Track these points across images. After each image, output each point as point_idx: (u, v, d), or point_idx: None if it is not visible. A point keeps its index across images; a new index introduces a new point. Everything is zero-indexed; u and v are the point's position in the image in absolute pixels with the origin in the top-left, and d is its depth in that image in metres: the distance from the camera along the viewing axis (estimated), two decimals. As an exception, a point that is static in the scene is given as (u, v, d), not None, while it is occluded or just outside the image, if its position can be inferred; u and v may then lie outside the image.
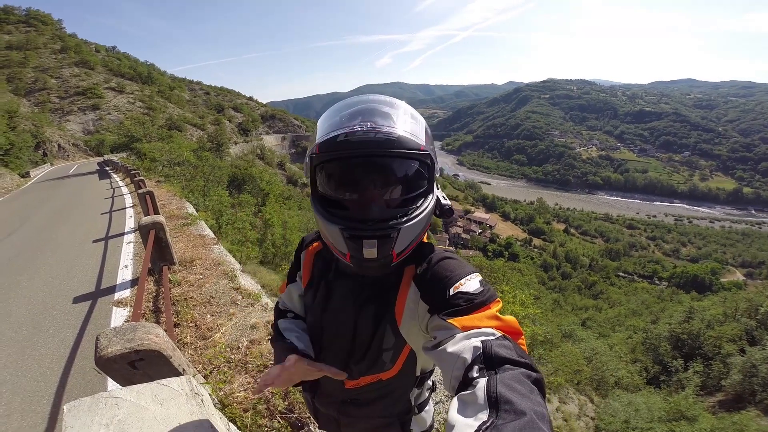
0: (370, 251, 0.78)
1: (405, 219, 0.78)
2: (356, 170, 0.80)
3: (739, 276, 69.57)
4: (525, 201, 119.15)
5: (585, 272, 63.84)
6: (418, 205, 0.82)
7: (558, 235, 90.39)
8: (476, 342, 0.63)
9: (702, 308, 19.06)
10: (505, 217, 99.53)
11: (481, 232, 77.50)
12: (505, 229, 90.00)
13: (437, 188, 0.90)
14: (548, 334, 14.03)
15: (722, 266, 69.72)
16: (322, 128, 0.83)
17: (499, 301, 0.78)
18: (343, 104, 0.86)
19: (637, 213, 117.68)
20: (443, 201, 0.92)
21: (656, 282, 64.92)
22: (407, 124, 0.80)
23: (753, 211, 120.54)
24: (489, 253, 63.66)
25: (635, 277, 68.17)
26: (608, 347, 17.12)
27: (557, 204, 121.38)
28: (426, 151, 0.80)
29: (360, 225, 0.78)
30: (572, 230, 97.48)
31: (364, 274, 0.92)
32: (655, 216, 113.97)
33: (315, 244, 1.09)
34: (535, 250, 78.25)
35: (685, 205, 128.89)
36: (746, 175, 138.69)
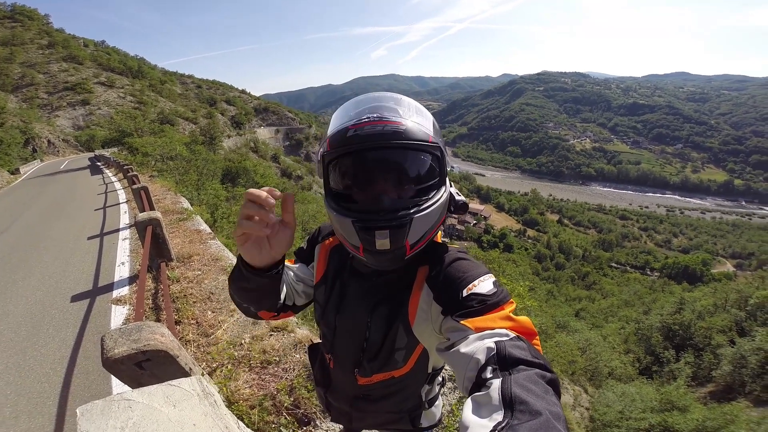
0: (383, 242, 0.77)
1: (416, 209, 0.78)
2: (366, 163, 0.80)
3: (729, 267, 70.55)
4: (519, 192, 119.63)
5: (578, 263, 64.32)
6: (430, 196, 0.81)
7: (552, 225, 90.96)
8: (489, 343, 0.63)
9: (693, 299, 19.32)
10: (500, 208, 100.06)
11: (475, 224, 77.83)
12: (500, 220, 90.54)
13: (450, 184, 0.90)
14: (542, 325, 14.18)
15: (713, 257, 70.62)
16: (332, 126, 0.83)
17: (512, 302, 0.77)
18: (351, 103, 0.86)
19: (630, 204, 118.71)
20: (457, 197, 0.92)
21: (648, 273, 65.70)
22: (416, 117, 0.80)
23: (743, 203, 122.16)
24: (484, 244, 63.94)
25: (628, 268, 68.93)
26: (601, 338, 17.33)
27: (551, 195, 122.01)
28: (435, 143, 0.80)
29: (372, 216, 0.78)
30: (566, 221, 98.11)
31: (379, 269, 0.91)
32: (647, 207, 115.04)
33: (331, 239, 1.09)
34: (529, 240, 78.76)
35: (677, 197, 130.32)
36: (737, 167, 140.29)
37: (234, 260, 5.06)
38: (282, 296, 1.01)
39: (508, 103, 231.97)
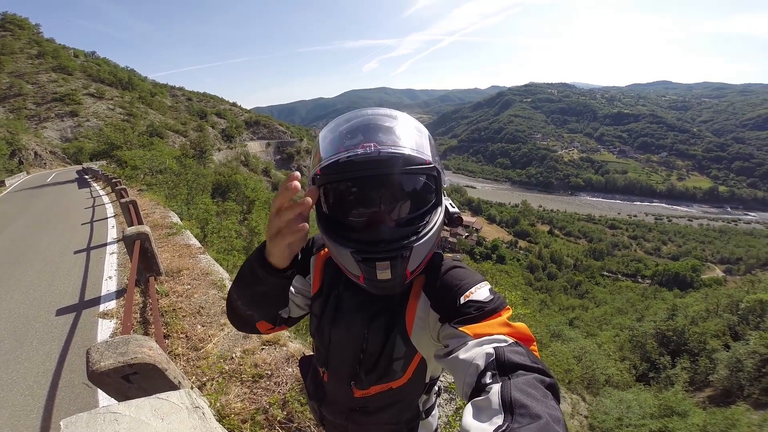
0: (384, 273, 0.76)
1: (416, 238, 0.77)
2: (362, 191, 0.78)
3: (718, 272, 71.60)
4: (510, 204, 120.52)
5: (570, 272, 64.87)
6: (427, 221, 0.80)
7: (543, 236, 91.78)
8: (488, 348, 0.63)
9: (685, 305, 19.48)
10: (491, 220, 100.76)
11: (467, 236, 78.15)
12: (491, 232, 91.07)
13: (444, 197, 0.89)
14: (537, 335, 14.15)
15: (702, 263, 71.64)
16: (323, 147, 0.80)
17: (509, 308, 0.78)
18: (343, 120, 0.83)
19: (619, 213, 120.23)
20: (451, 209, 0.91)
21: (639, 280, 66.47)
22: (411, 138, 0.78)
23: (729, 209, 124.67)
24: (476, 256, 64.14)
25: (619, 276, 69.60)
26: (596, 346, 17.32)
27: (541, 206, 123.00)
28: (432, 164, 0.78)
29: (371, 247, 0.76)
30: (556, 231, 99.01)
31: (380, 294, 0.89)
32: (635, 216, 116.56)
33: (326, 249, 1.06)
34: (521, 251, 79.28)
35: (664, 205, 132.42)
36: (721, 174, 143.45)
37: (224, 274, 4.98)
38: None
39: (497, 114, 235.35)
